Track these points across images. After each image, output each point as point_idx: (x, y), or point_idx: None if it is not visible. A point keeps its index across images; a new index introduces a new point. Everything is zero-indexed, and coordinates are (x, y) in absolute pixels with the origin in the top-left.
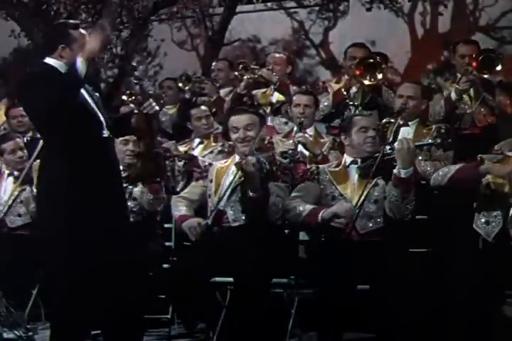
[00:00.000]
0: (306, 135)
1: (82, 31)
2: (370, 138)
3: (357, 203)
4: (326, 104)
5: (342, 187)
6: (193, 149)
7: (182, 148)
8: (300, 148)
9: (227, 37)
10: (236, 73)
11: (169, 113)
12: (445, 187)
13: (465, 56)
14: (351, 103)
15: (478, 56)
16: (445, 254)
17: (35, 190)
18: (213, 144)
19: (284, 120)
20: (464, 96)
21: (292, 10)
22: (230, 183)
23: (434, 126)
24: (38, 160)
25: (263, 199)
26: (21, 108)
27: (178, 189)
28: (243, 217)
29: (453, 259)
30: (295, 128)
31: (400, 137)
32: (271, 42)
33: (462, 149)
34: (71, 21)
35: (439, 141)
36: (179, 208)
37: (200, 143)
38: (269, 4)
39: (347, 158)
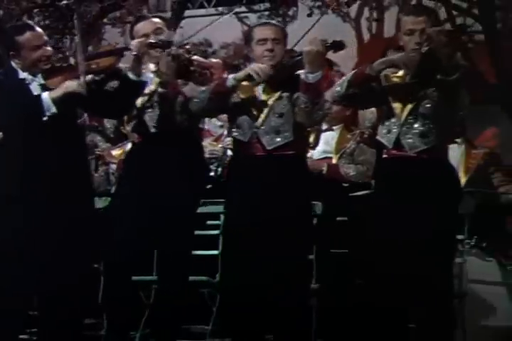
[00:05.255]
0: None
1: (32, 33)
2: (268, 51)
3: (264, 118)
4: None
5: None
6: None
7: (115, 152)
8: (230, 152)
9: (179, 41)
10: None
11: None
12: (346, 95)
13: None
14: None
15: None
16: None
17: None
18: None
19: (219, 123)
20: None
21: (243, 14)
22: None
23: (357, 131)
24: None
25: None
26: None
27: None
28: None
29: None
30: (225, 133)
31: (322, 141)
32: (222, 46)
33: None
34: (18, 24)
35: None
36: None
37: None
38: (220, 9)
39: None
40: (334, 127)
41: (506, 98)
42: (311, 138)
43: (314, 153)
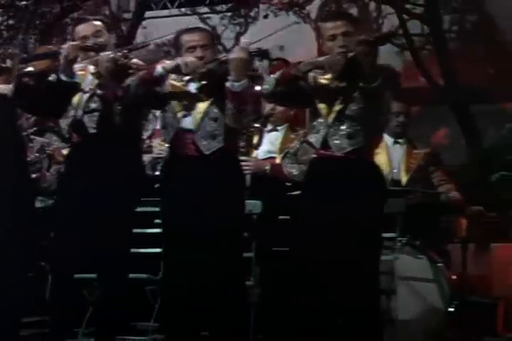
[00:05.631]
0: None
1: None
2: (198, 59)
3: (199, 123)
4: None
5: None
6: None
7: (65, 151)
8: None
9: (143, 41)
10: None
11: None
12: (273, 93)
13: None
14: None
15: None
16: None
17: None
18: None
19: None
20: None
21: (205, 15)
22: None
23: (301, 132)
24: None
25: None
26: None
27: None
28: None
29: None
30: None
31: (266, 141)
32: None
33: None
34: None
35: None
36: None
37: None
38: (183, 9)
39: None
40: (279, 127)
41: (452, 99)
42: (255, 139)
43: (259, 153)
